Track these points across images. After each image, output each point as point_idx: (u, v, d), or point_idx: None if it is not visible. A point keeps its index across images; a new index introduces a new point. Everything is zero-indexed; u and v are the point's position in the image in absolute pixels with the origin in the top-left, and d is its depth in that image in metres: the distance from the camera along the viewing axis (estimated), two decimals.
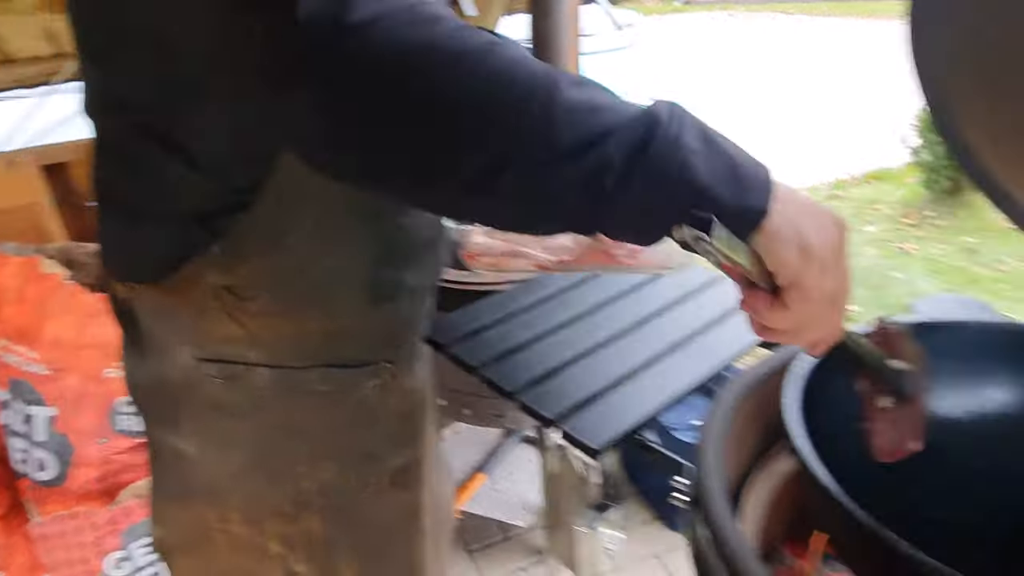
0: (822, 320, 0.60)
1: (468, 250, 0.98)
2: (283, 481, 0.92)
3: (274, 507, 0.92)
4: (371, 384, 0.94)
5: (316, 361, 0.89)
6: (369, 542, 0.99)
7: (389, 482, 0.98)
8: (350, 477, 0.95)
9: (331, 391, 0.91)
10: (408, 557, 1.05)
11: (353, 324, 0.90)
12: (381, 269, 0.88)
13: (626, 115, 0.54)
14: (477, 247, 0.98)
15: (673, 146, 0.52)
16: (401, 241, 0.89)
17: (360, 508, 0.97)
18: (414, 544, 1.05)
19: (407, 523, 1.03)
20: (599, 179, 0.53)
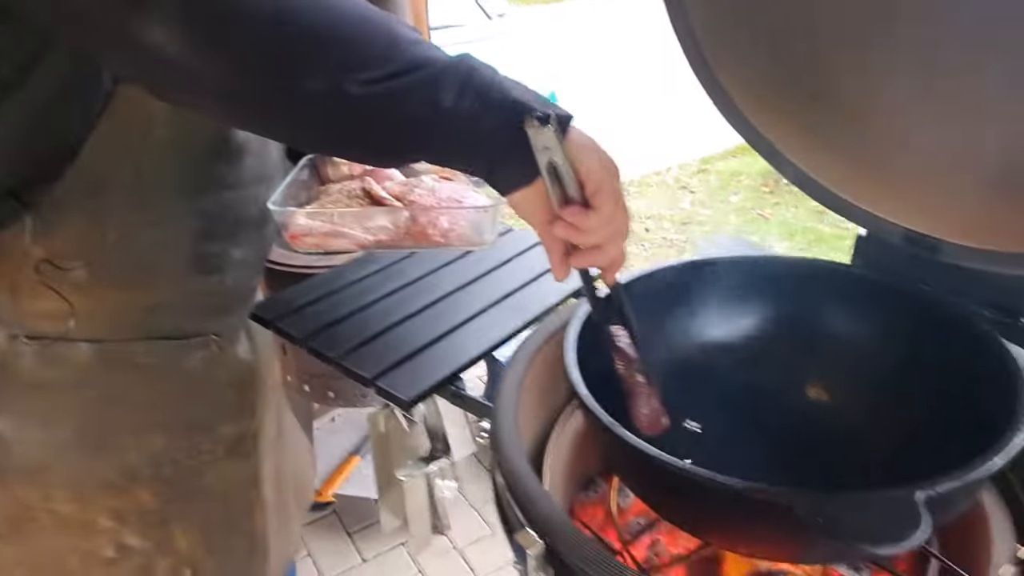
0: (620, 231, 0.72)
1: (291, 231, 0.99)
2: (110, 454, 0.92)
3: (101, 480, 0.92)
4: (198, 356, 0.97)
5: (138, 334, 0.91)
6: (205, 511, 1.01)
7: (224, 452, 1.01)
8: (181, 447, 0.97)
9: (156, 363, 0.93)
10: (249, 526, 1.08)
11: (176, 297, 0.92)
12: (205, 244, 0.90)
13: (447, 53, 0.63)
14: (300, 228, 0.99)
15: (491, 74, 0.63)
16: (225, 217, 0.91)
17: (193, 478, 0.99)
18: (254, 513, 1.08)
19: (246, 492, 1.06)
20: (435, 91, 0.60)
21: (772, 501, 0.60)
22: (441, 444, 1.10)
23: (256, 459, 1.07)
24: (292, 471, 1.23)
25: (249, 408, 1.05)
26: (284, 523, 1.18)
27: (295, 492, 1.24)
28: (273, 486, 1.13)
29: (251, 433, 1.05)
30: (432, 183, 1.08)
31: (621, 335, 0.82)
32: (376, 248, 1.04)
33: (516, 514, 0.75)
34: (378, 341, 1.07)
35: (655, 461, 0.65)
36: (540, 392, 1.00)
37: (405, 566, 1.96)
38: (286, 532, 1.19)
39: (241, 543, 1.07)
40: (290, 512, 1.22)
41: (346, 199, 1.04)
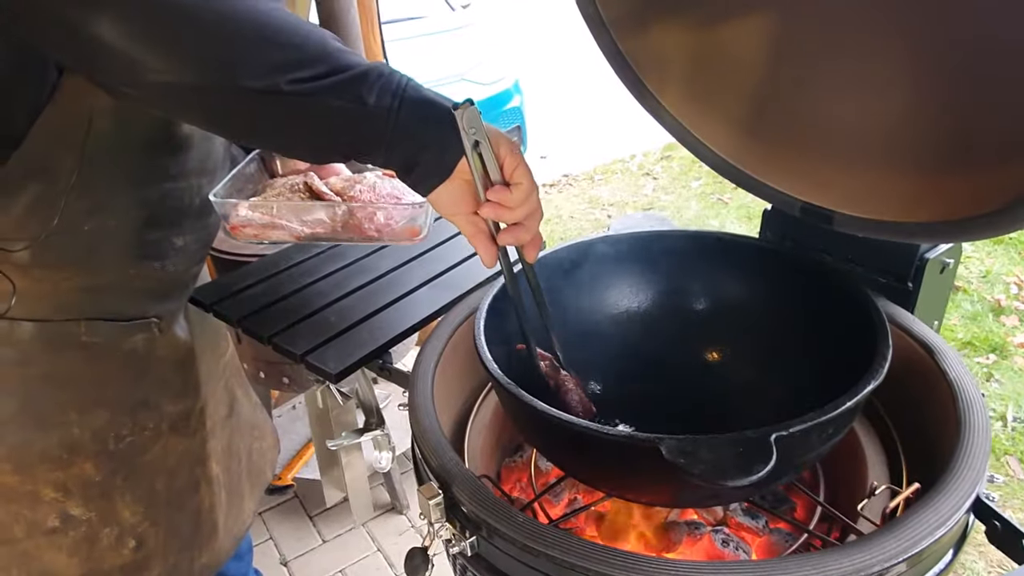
0: (537, 207, 0.78)
1: (232, 222, 1.03)
2: (52, 429, 0.96)
3: (44, 454, 0.96)
4: (139, 337, 1.01)
5: (80, 315, 0.94)
6: (150, 485, 1.05)
7: (168, 428, 1.05)
8: (124, 423, 1.01)
9: (98, 343, 0.97)
10: (195, 502, 1.12)
11: (119, 281, 0.95)
12: (147, 231, 0.94)
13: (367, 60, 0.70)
14: (240, 219, 1.03)
15: (406, 77, 0.70)
16: (167, 206, 0.95)
17: (137, 453, 1.03)
18: (200, 489, 1.12)
19: (191, 469, 1.10)
20: (359, 90, 0.66)
21: (642, 445, 0.66)
22: (375, 418, 1.15)
23: (202, 436, 1.11)
24: (247, 449, 1.27)
25: (192, 387, 1.08)
26: (236, 500, 1.21)
27: (249, 470, 1.27)
28: (222, 464, 1.17)
29: (196, 411, 1.09)
30: (375, 179, 1.12)
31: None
32: (313, 240, 1.08)
33: (424, 469, 0.80)
34: (311, 320, 1.12)
35: (542, 414, 0.71)
36: (467, 363, 1.05)
37: (365, 546, 2.01)
38: (237, 510, 1.22)
39: (186, 517, 1.11)
40: (243, 490, 1.25)
41: (288, 193, 1.08)
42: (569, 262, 1.00)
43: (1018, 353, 2.59)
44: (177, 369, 1.06)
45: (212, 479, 1.13)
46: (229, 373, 1.22)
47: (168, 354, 1.04)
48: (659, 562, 0.65)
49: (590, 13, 1.11)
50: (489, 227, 0.78)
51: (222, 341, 1.21)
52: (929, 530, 0.66)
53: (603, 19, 1.11)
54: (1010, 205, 0.80)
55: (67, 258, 0.89)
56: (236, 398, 1.24)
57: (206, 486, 1.13)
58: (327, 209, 1.05)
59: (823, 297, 0.88)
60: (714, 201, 4.10)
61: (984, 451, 0.74)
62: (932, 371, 0.87)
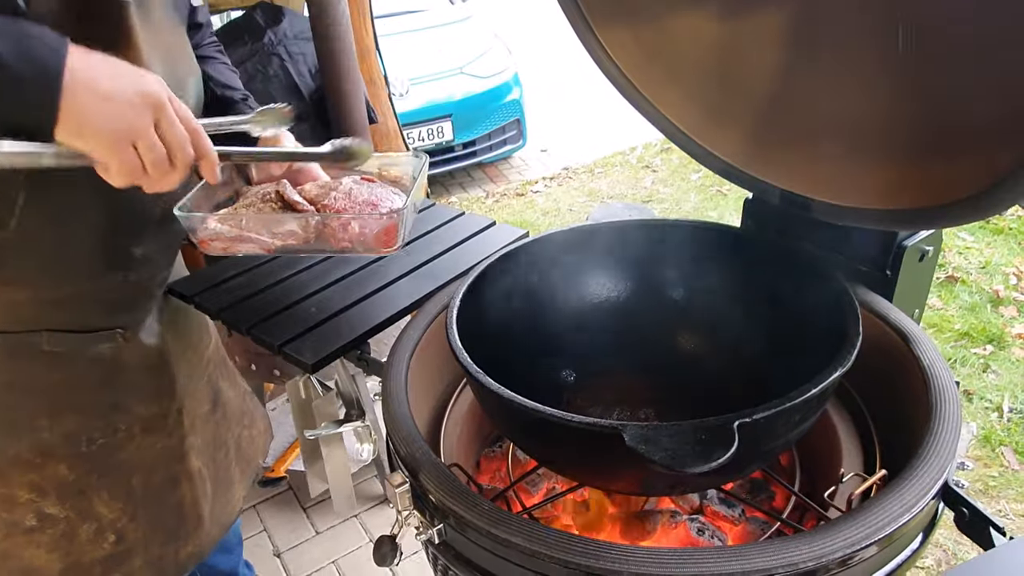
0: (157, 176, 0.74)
1: (199, 236, 0.98)
2: (24, 434, 0.97)
3: (16, 458, 0.97)
4: (104, 345, 1.00)
5: (40, 326, 0.94)
6: (126, 483, 1.05)
7: (141, 429, 1.05)
8: (96, 427, 1.01)
9: (62, 351, 0.96)
10: (175, 497, 1.12)
11: (80, 293, 0.95)
12: (108, 241, 0.93)
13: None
14: (207, 233, 0.98)
15: None
16: (128, 215, 0.93)
17: (111, 453, 1.03)
18: (181, 485, 1.12)
19: (169, 466, 1.10)
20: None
21: (605, 432, 0.66)
22: (356, 409, 1.16)
23: (179, 435, 1.10)
24: (235, 438, 1.27)
25: (167, 389, 1.08)
26: (223, 489, 1.22)
27: (238, 457, 1.28)
28: (207, 457, 1.17)
29: (172, 412, 1.09)
30: (351, 185, 1.06)
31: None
32: (285, 253, 1.04)
33: (394, 458, 0.81)
34: (290, 311, 1.12)
35: (509, 402, 0.71)
36: (444, 357, 1.05)
37: (358, 537, 2.01)
38: (225, 498, 1.23)
39: (168, 511, 1.11)
40: (232, 477, 1.25)
41: (259, 203, 1.03)
42: (548, 251, 1.00)
43: (1016, 344, 2.57)
44: (149, 373, 1.05)
45: (193, 474, 1.14)
46: (212, 367, 1.22)
47: (137, 360, 1.04)
48: (619, 548, 0.64)
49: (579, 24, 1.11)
50: None
51: (204, 336, 1.21)
52: (893, 516, 0.65)
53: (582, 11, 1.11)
54: (986, 191, 0.80)
55: (26, 270, 0.89)
56: (220, 391, 1.23)
57: (187, 481, 1.13)
58: (299, 220, 0.99)
59: (798, 284, 0.87)
60: (713, 193, 4.08)
61: (953, 439, 0.73)
62: (907, 358, 0.86)
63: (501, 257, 0.97)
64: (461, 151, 4.38)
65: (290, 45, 2.15)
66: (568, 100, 5.78)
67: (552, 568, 0.66)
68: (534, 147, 4.98)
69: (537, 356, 0.97)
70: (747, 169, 1.08)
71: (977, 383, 2.41)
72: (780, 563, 0.62)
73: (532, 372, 0.93)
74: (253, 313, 1.11)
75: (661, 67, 1.12)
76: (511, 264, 0.98)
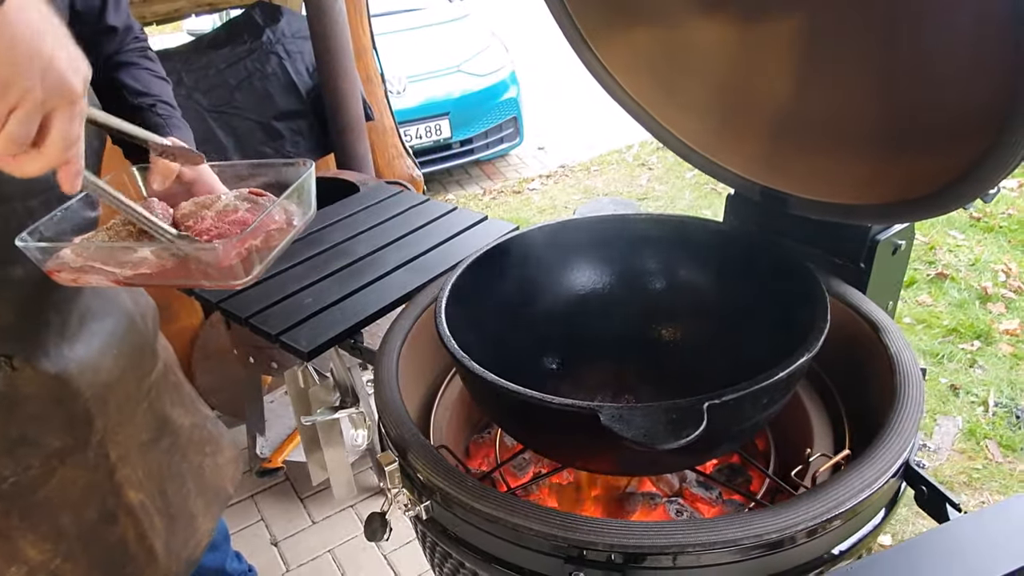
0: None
1: (47, 266, 0.83)
2: None
3: None
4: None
5: None
6: (52, 522, 0.99)
7: (59, 464, 0.97)
8: (6, 464, 0.94)
9: None
10: (115, 533, 1.05)
11: None
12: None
13: None
14: (55, 263, 0.83)
15: None
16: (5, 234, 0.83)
17: (28, 491, 0.96)
18: (118, 520, 1.04)
19: (102, 500, 1.02)
20: None
21: (582, 412, 0.70)
22: (350, 397, 1.19)
23: (107, 468, 1.02)
24: (195, 468, 1.18)
25: (81, 419, 0.98)
26: (184, 524, 1.14)
27: (200, 489, 1.19)
28: (152, 490, 1.09)
29: (92, 443, 1.00)
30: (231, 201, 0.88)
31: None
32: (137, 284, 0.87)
33: (386, 439, 0.84)
34: (287, 302, 1.16)
35: (491, 384, 0.75)
36: (434, 347, 1.09)
37: (353, 527, 2.05)
38: (186, 531, 1.15)
39: (109, 549, 1.05)
40: (192, 510, 1.16)
41: (121, 226, 0.87)
42: (534, 244, 1.03)
43: (1003, 340, 2.61)
44: (55, 404, 0.96)
45: (134, 508, 1.06)
46: (156, 393, 1.11)
47: (36, 391, 0.94)
48: (596, 521, 0.68)
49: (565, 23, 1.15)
50: None
51: (147, 361, 1.09)
52: (854, 492, 0.69)
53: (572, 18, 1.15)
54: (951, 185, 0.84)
55: None
56: (168, 418, 1.13)
57: (126, 516, 1.05)
58: (152, 247, 0.82)
59: (773, 276, 0.91)
60: (708, 191, 4.12)
61: (915, 421, 0.77)
62: (876, 347, 0.90)
63: (489, 250, 1.01)
64: (458, 149, 4.42)
65: (288, 43, 2.19)
66: (565, 98, 5.81)
67: (533, 540, 0.70)
68: (531, 145, 5.02)
69: (523, 345, 1.01)
70: (728, 166, 1.12)
71: (964, 378, 2.45)
72: (747, 534, 0.66)
73: (518, 360, 0.96)
74: (251, 304, 1.15)
75: (648, 71, 1.16)
76: (499, 256, 1.01)
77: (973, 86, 0.78)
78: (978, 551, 0.66)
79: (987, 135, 0.76)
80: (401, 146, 2.61)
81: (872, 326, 0.93)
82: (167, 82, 1.04)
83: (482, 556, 0.75)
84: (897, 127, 0.90)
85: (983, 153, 0.77)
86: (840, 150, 0.98)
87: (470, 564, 0.79)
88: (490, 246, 1.01)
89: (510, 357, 0.94)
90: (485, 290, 0.99)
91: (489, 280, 1.00)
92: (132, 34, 1.03)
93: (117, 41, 1.01)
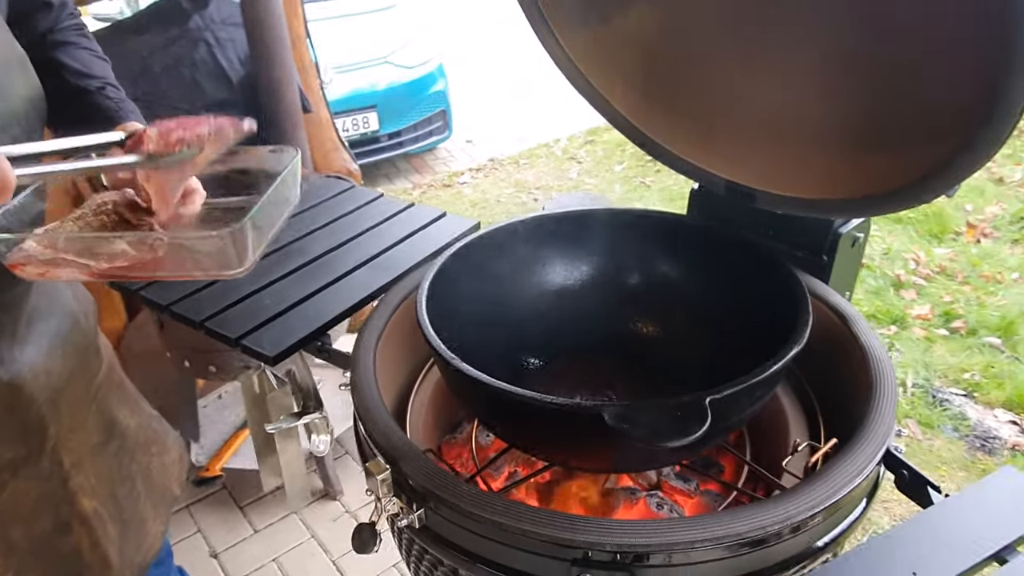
0: None
1: (9, 260, 0.78)
2: None
3: None
4: None
5: None
6: (4, 536, 0.94)
7: (10, 476, 0.92)
8: None
9: None
10: (69, 542, 1.00)
11: None
12: None
13: None
14: (20, 256, 0.78)
15: None
16: None
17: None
18: (72, 529, 1.00)
19: (56, 511, 0.98)
20: None
21: (586, 412, 0.69)
22: (312, 400, 1.15)
23: (60, 476, 0.97)
24: (143, 470, 1.13)
25: (34, 427, 0.93)
26: (135, 529, 1.10)
27: (149, 492, 1.14)
28: (105, 495, 1.05)
29: (47, 450, 0.95)
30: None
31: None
32: (118, 278, 0.83)
33: (369, 446, 0.81)
34: (244, 303, 1.10)
35: (490, 387, 0.73)
36: (406, 343, 1.06)
37: (299, 533, 1.99)
38: (138, 537, 1.11)
39: (63, 561, 1.00)
40: (143, 514, 1.12)
41: (91, 216, 0.81)
42: (505, 241, 1.02)
43: (916, 324, 2.78)
44: (7, 413, 0.91)
45: (88, 517, 1.01)
46: (103, 394, 1.06)
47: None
48: (599, 522, 0.68)
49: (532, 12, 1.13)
50: None
51: (93, 360, 1.04)
52: (847, 480, 0.71)
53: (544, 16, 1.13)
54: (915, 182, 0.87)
55: None
56: (115, 419, 1.08)
57: (80, 525, 1.00)
58: (133, 237, 0.78)
59: (749, 271, 0.93)
60: (637, 184, 4.19)
61: (892, 408, 0.80)
62: (846, 337, 0.93)
63: (460, 249, 0.99)
64: (387, 142, 4.33)
65: (218, 30, 2.08)
66: (492, 91, 5.80)
67: (537, 544, 0.69)
68: (459, 138, 4.98)
69: (499, 343, 0.99)
70: (695, 161, 1.14)
71: None
72: (755, 525, 0.67)
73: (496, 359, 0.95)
74: (206, 306, 1.08)
75: (615, 65, 1.15)
76: (471, 255, 0.99)
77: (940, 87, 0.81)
78: (965, 532, 0.69)
79: (956, 135, 0.79)
80: (337, 139, 2.52)
81: (840, 317, 0.96)
82: (107, 61, 0.99)
83: (482, 562, 0.73)
84: (862, 125, 0.93)
85: (952, 152, 0.80)
86: (807, 146, 1.01)
87: (465, 571, 0.77)
88: (460, 245, 0.99)
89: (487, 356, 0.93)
90: (459, 290, 0.97)
91: (462, 280, 0.98)
92: (67, 10, 0.98)
93: (52, 17, 0.95)
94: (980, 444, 2.21)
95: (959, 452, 2.18)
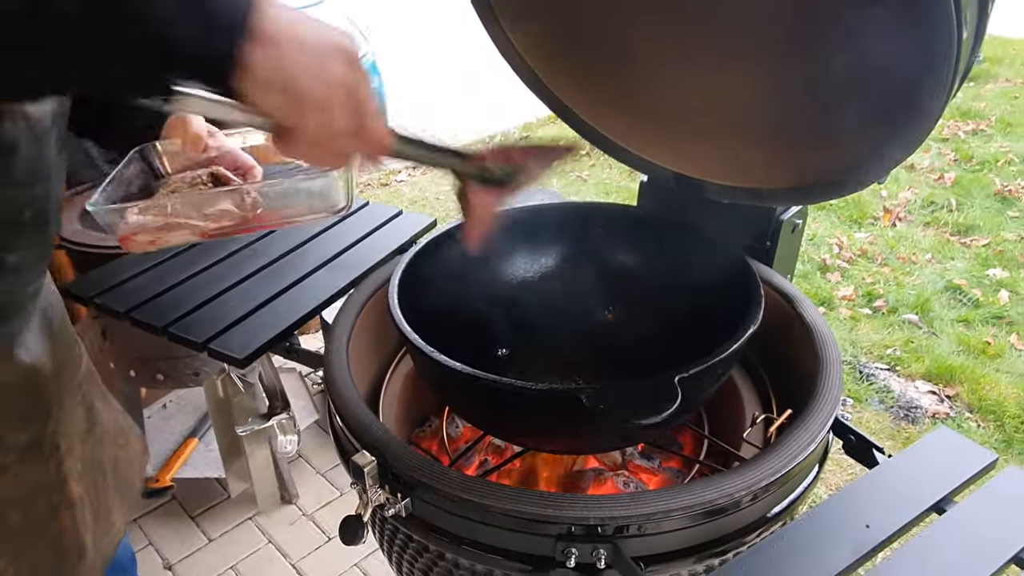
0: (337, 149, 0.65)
1: (120, 232, 0.87)
2: None
3: None
4: None
5: None
6: (3, 520, 0.94)
7: (16, 459, 0.93)
8: None
9: None
10: (55, 528, 1.01)
11: None
12: None
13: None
14: (130, 226, 0.87)
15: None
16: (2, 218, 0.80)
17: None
18: (60, 515, 1.00)
19: (47, 495, 0.99)
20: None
21: (564, 395, 0.73)
22: (280, 401, 1.15)
23: (56, 460, 0.98)
24: (112, 460, 1.14)
25: (43, 411, 0.95)
26: (103, 516, 1.10)
27: (117, 482, 1.14)
28: (88, 482, 1.06)
29: (48, 434, 0.96)
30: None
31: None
32: (220, 236, 0.92)
33: (351, 441, 0.83)
34: (208, 307, 1.09)
35: (465, 375, 0.76)
36: (373, 340, 1.08)
37: (255, 539, 1.96)
38: (105, 526, 1.11)
39: (48, 544, 1.00)
40: (111, 504, 1.12)
41: (187, 188, 0.92)
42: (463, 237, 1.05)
43: (842, 305, 2.94)
44: (23, 394, 0.93)
45: (75, 501, 1.02)
46: (86, 382, 1.08)
47: (12, 380, 0.91)
48: (580, 498, 0.72)
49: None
50: None
51: (77, 348, 1.06)
52: (803, 446, 0.77)
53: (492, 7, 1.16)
54: (849, 172, 0.94)
55: None
56: (95, 409, 1.10)
57: (67, 509, 1.01)
58: (233, 196, 0.89)
59: (702, 258, 0.99)
60: (574, 179, 4.28)
61: (839, 379, 0.87)
62: (791, 316, 1.00)
63: (426, 245, 1.01)
64: None
65: None
66: (426, 88, 5.78)
67: (521, 523, 0.72)
68: None
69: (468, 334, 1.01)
70: (642, 154, 1.19)
71: None
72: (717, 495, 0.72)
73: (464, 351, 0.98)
74: (167, 311, 1.07)
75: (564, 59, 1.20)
76: (439, 251, 1.02)
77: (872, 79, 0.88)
78: (908, 487, 0.76)
79: (889, 123, 0.86)
80: None
81: (785, 298, 1.03)
82: None
83: (468, 544, 0.76)
84: (803, 117, 1.00)
85: (885, 138, 0.87)
86: (748, 138, 1.07)
87: (452, 555, 0.79)
88: (427, 241, 1.02)
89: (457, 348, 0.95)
90: (426, 286, 0.99)
91: (429, 275, 1.00)
92: None
93: None
94: (904, 414, 2.37)
95: (886, 423, 2.33)
